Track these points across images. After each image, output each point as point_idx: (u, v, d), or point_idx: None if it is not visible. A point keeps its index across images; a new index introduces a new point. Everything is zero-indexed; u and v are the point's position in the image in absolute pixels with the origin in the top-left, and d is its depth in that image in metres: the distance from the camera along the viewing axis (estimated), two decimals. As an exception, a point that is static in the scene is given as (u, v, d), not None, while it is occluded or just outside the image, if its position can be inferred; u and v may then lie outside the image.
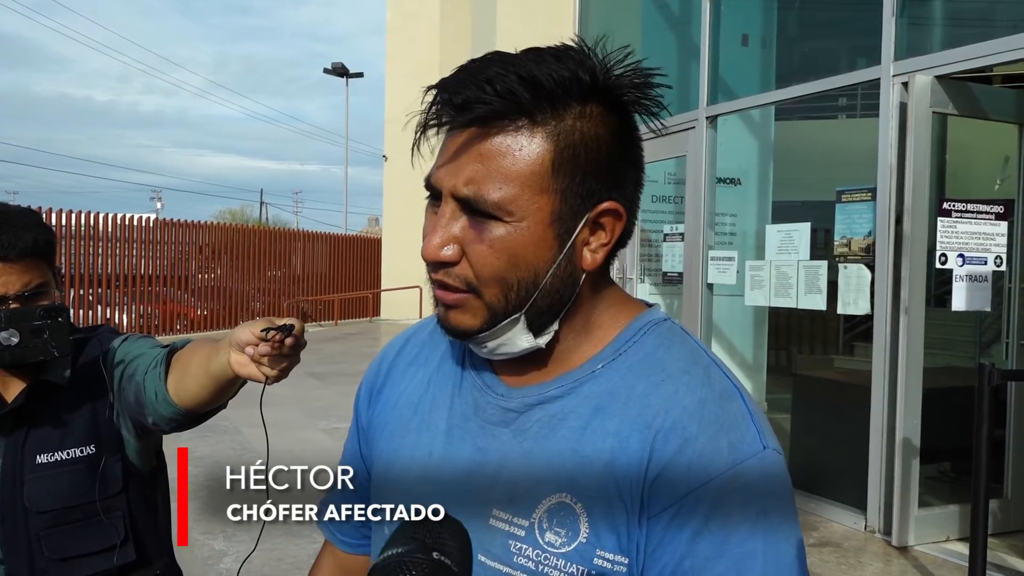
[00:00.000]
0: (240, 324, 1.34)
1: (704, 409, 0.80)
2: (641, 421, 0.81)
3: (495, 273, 0.81)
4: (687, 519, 0.77)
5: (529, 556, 0.82)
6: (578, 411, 0.84)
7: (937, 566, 4.06)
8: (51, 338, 1.41)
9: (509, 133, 0.79)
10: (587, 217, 0.83)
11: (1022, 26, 4.08)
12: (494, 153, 0.79)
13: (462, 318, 0.84)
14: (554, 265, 0.82)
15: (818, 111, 10.40)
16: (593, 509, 0.80)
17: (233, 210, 63.66)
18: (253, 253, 18.77)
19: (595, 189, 0.82)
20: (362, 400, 1.05)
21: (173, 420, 1.47)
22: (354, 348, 14.11)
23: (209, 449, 6.35)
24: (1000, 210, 4.45)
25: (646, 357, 0.85)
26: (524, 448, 0.85)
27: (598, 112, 0.81)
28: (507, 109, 0.79)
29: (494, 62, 0.80)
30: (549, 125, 0.80)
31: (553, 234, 0.81)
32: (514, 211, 0.79)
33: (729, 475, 0.77)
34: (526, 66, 0.79)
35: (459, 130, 0.81)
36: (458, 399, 0.93)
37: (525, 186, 0.79)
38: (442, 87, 0.81)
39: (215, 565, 4.03)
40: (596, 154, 0.81)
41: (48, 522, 1.46)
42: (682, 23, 7.01)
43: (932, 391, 4.46)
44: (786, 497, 0.80)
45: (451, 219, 0.81)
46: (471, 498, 0.86)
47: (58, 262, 1.58)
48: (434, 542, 0.58)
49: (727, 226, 6.50)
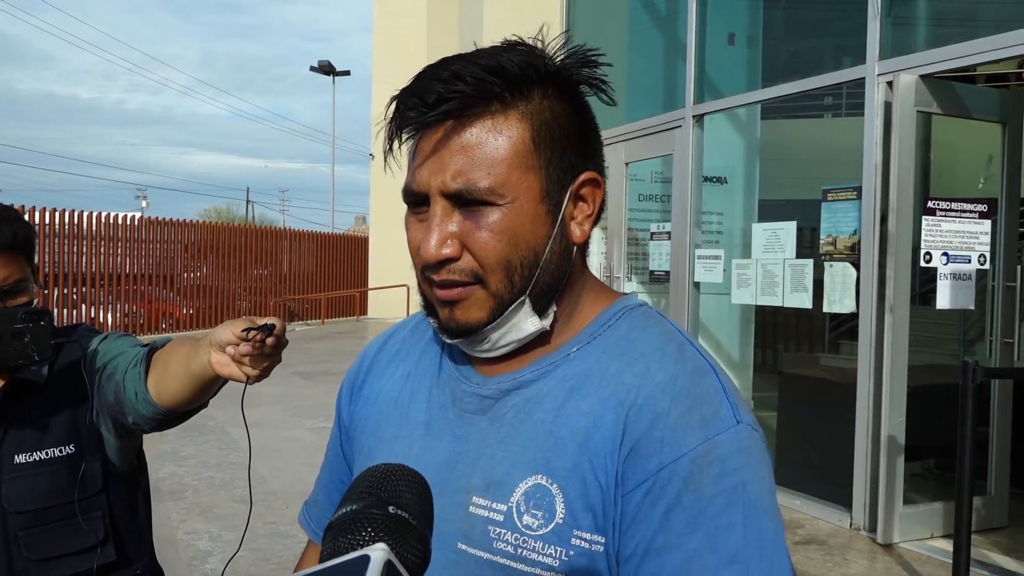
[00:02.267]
0: (221, 324, 1.33)
1: (676, 384, 0.80)
2: (614, 399, 0.81)
3: (500, 256, 0.82)
4: (660, 494, 0.76)
5: (508, 540, 0.82)
6: (553, 393, 0.85)
7: (922, 563, 4.09)
8: (32, 341, 1.39)
9: (485, 120, 0.81)
10: (570, 190, 0.85)
11: (1005, 26, 4.11)
12: (475, 142, 0.81)
13: (469, 312, 0.84)
14: (550, 240, 0.84)
15: (804, 110, 10.45)
16: (569, 489, 0.80)
17: (219, 208, 63.42)
18: (239, 252, 18.68)
19: (573, 161, 0.85)
20: (344, 398, 1.06)
21: (154, 419, 1.46)
22: (341, 347, 14.07)
23: (195, 449, 6.33)
24: (984, 209, 4.48)
25: (620, 339, 0.86)
26: (501, 434, 0.86)
27: (556, 92, 0.85)
28: (480, 96, 0.80)
29: (452, 60, 0.82)
30: (520, 107, 0.82)
31: (545, 209, 0.83)
32: (505, 193, 0.81)
33: (702, 448, 0.76)
34: (485, 58, 0.81)
35: (432, 130, 0.82)
36: (436, 390, 0.94)
37: (512, 168, 0.81)
38: (409, 90, 0.82)
39: (200, 566, 4.01)
40: (567, 128, 0.85)
41: (27, 522, 1.45)
42: (669, 22, 7.02)
43: (917, 389, 4.49)
44: (764, 472, 0.79)
45: (444, 217, 0.82)
46: (451, 487, 0.86)
47: (42, 261, 1.56)
48: (390, 495, 0.57)
49: (714, 225, 6.51)
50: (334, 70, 30.90)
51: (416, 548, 0.55)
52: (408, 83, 0.83)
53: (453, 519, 0.86)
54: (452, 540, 0.85)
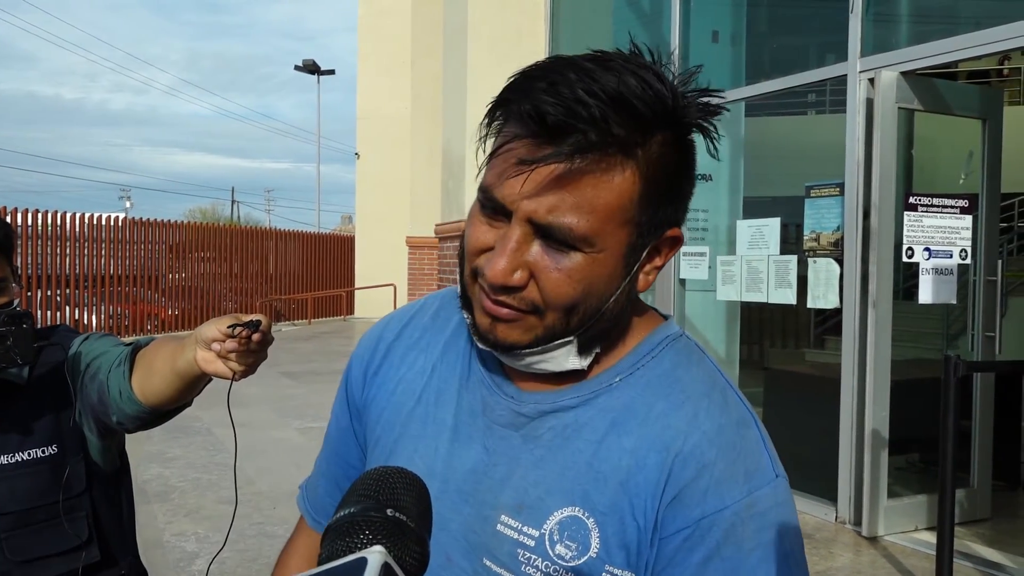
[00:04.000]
0: (206, 321, 1.33)
1: (723, 436, 0.80)
2: (660, 442, 0.80)
3: (567, 301, 0.78)
4: (699, 542, 0.77)
5: (538, 567, 0.81)
6: (593, 424, 0.83)
7: (906, 555, 4.12)
8: (14, 345, 1.38)
9: (600, 163, 0.74)
10: (653, 244, 0.82)
11: (985, 23, 4.15)
12: (582, 184, 0.74)
13: (512, 333, 0.80)
14: (618, 291, 0.81)
15: (787, 107, 10.50)
16: (605, 525, 0.80)
17: (204, 209, 63.19)
18: (225, 252, 18.59)
19: (668, 218, 0.81)
20: (355, 379, 1.01)
21: (138, 418, 1.46)
22: (328, 347, 14.03)
23: (181, 450, 6.30)
24: (965, 204, 4.53)
25: (665, 375, 0.84)
26: (536, 456, 0.84)
27: (673, 138, 0.78)
28: (601, 141, 0.73)
29: (570, 72, 0.73)
30: (638, 156, 0.75)
31: (624, 263, 0.80)
32: (595, 243, 0.76)
33: (745, 503, 0.78)
34: (612, 84, 0.73)
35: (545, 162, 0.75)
36: (466, 393, 0.90)
37: (610, 219, 0.76)
38: (524, 96, 0.74)
39: (187, 568, 4.00)
40: (673, 183, 0.80)
41: (10, 524, 1.44)
42: (653, 19, 7.04)
43: (900, 383, 4.53)
44: (796, 522, 0.81)
45: (522, 243, 0.77)
46: (477, 498, 0.85)
47: (25, 263, 1.55)
48: (388, 498, 0.58)
49: (699, 222, 6.54)
50: (319, 69, 30.77)
51: (414, 551, 0.55)
52: (520, 82, 0.75)
53: (480, 532, 0.84)
54: (479, 553, 0.84)
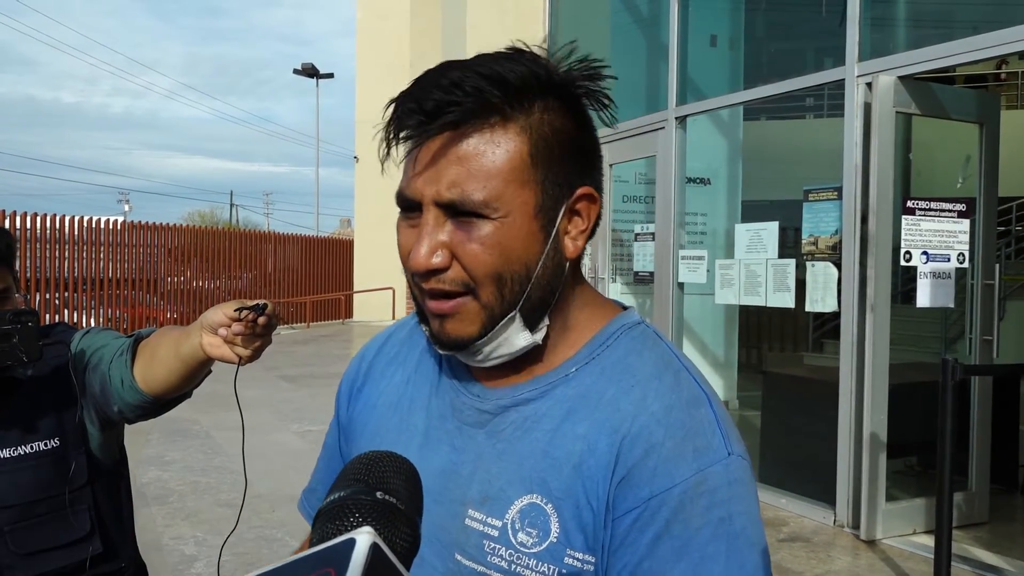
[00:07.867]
0: (211, 307, 1.34)
1: (671, 415, 0.81)
2: (609, 425, 0.82)
3: (490, 270, 0.81)
4: (649, 521, 0.78)
5: (502, 555, 0.83)
6: (551, 414, 0.86)
7: (904, 559, 4.13)
8: (20, 343, 1.40)
9: (484, 132, 0.80)
10: (566, 205, 0.85)
11: (983, 27, 4.16)
12: (472, 154, 0.80)
13: (459, 327, 0.84)
14: (543, 256, 0.83)
15: (785, 111, 10.53)
16: (563, 510, 0.82)
17: (203, 212, 63.16)
18: (223, 255, 18.59)
19: (570, 177, 0.85)
20: (342, 397, 1.06)
21: (139, 407, 1.48)
22: (326, 350, 14.03)
23: (180, 453, 6.30)
24: (962, 208, 4.54)
25: (618, 362, 0.87)
26: (498, 450, 0.87)
27: (557, 104, 0.83)
28: (479, 108, 0.80)
29: (452, 67, 0.81)
30: (520, 120, 0.81)
31: (538, 225, 0.83)
32: (500, 207, 0.81)
33: (693, 480, 0.78)
34: (486, 66, 0.80)
35: (431, 138, 0.82)
36: (435, 399, 0.94)
37: (508, 182, 0.81)
38: (408, 96, 0.81)
39: (186, 571, 4.00)
40: (565, 143, 0.84)
41: (13, 517, 1.45)
42: (651, 24, 7.06)
43: (898, 387, 4.54)
44: (751, 503, 0.81)
45: (435, 226, 0.82)
46: (447, 497, 0.88)
47: (24, 266, 1.56)
48: (377, 481, 0.58)
49: (697, 225, 6.56)
50: (318, 73, 30.83)
51: (404, 533, 0.56)
52: (407, 88, 0.82)
53: (451, 529, 0.87)
54: (451, 550, 0.87)
